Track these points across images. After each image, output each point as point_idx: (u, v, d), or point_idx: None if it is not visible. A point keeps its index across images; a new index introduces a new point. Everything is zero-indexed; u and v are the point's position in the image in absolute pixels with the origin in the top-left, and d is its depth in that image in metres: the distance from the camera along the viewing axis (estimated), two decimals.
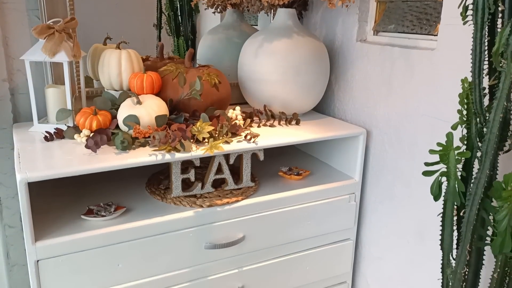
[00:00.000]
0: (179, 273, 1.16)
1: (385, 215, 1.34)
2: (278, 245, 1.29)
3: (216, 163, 1.20)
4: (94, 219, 1.07)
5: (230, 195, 1.22)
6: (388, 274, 1.35)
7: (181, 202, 1.17)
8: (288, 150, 1.65)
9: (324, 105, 1.55)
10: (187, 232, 1.14)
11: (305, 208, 1.30)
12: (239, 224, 1.21)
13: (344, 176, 1.41)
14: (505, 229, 0.75)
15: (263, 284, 1.30)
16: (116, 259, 1.07)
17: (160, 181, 1.30)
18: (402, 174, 1.25)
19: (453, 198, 0.88)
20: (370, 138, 1.36)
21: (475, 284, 0.91)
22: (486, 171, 0.78)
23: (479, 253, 0.89)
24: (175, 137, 1.07)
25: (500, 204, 0.75)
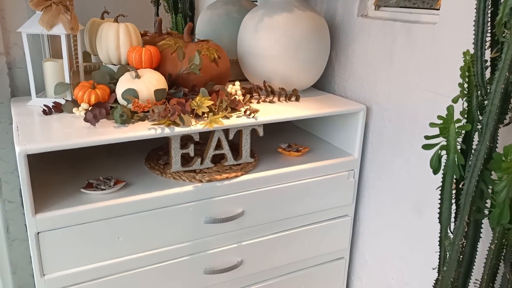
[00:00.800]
0: (179, 247, 1.17)
1: (383, 191, 1.35)
2: (277, 220, 1.30)
3: (215, 139, 1.19)
4: (94, 193, 1.07)
5: (229, 170, 1.22)
6: (385, 249, 1.36)
7: (180, 177, 1.17)
8: (287, 127, 1.65)
9: (324, 81, 1.54)
10: (186, 207, 1.15)
11: (304, 184, 1.30)
12: (238, 199, 1.21)
13: (343, 153, 1.41)
14: (503, 200, 0.76)
15: (262, 258, 1.31)
16: (116, 233, 1.07)
17: (159, 157, 1.30)
18: (402, 150, 1.25)
19: (453, 171, 0.88)
20: (369, 114, 1.36)
21: (472, 256, 0.92)
22: (486, 143, 0.78)
23: (477, 225, 0.90)
24: (174, 111, 1.07)
25: (500, 175, 0.75)
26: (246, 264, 1.29)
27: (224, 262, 1.25)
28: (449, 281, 0.87)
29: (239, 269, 1.28)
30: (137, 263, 1.12)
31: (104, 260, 1.08)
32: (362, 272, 1.48)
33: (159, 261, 1.15)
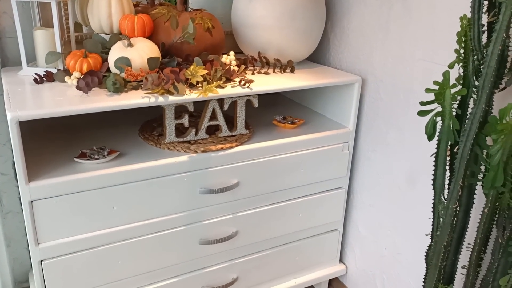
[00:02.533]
0: (174, 217, 1.17)
1: (377, 163, 1.35)
2: (272, 192, 1.31)
3: (210, 109, 1.18)
4: (87, 162, 1.06)
5: (224, 141, 1.22)
6: (378, 220, 1.38)
7: (175, 148, 1.16)
8: (282, 101, 1.64)
9: (319, 54, 1.53)
10: (181, 177, 1.14)
11: (299, 156, 1.30)
12: (234, 170, 1.21)
13: (338, 125, 1.40)
14: (498, 163, 0.76)
15: (257, 229, 1.32)
16: (111, 202, 1.07)
17: (153, 128, 1.29)
18: (396, 121, 1.25)
19: (447, 137, 0.88)
20: (365, 86, 1.36)
21: (465, 221, 0.93)
22: (482, 106, 0.78)
23: (470, 191, 0.90)
24: (168, 79, 1.06)
25: (495, 138, 0.75)
26: (241, 235, 1.30)
27: (219, 232, 1.25)
28: (442, 245, 0.88)
29: (234, 240, 1.29)
30: (132, 233, 1.12)
31: (99, 230, 1.08)
32: (356, 243, 1.50)
33: (154, 231, 1.15)
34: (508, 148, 0.75)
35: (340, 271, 1.55)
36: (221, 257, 1.30)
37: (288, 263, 1.45)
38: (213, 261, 1.29)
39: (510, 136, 0.74)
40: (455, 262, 0.96)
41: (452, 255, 0.96)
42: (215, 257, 1.29)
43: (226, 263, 1.32)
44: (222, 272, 1.32)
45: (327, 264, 1.54)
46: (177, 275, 1.24)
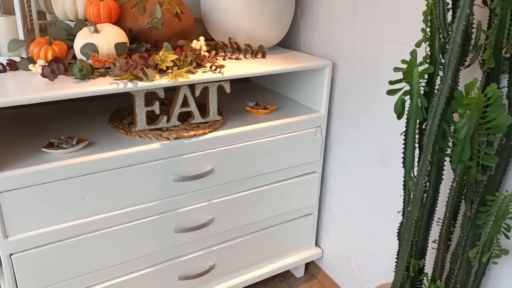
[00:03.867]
0: (148, 206, 1.15)
1: (349, 146, 1.37)
2: (247, 178, 1.30)
3: (181, 95, 1.17)
4: (55, 152, 1.03)
5: (197, 128, 1.20)
6: (352, 202, 1.40)
7: (146, 135, 1.14)
8: (255, 87, 1.64)
9: (290, 39, 1.53)
10: (154, 165, 1.13)
11: (272, 141, 1.31)
12: (207, 157, 1.20)
13: (310, 110, 1.41)
14: (464, 137, 0.78)
15: (232, 216, 1.32)
16: (82, 192, 1.04)
17: (123, 117, 1.26)
18: (367, 103, 1.27)
19: (416, 114, 0.89)
20: (335, 70, 1.37)
21: (435, 197, 0.95)
22: (448, 82, 0.79)
23: (439, 167, 0.92)
24: (137, 65, 1.03)
25: (461, 112, 0.77)
26: (217, 222, 1.29)
27: (194, 220, 1.25)
28: (413, 220, 0.90)
29: (210, 227, 1.28)
30: (104, 223, 1.10)
31: (70, 221, 1.06)
32: (330, 226, 1.52)
33: (127, 221, 1.14)
34: (474, 122, 0.77)
35: (316, 254, 1.57)
36: (197, 245, 1.29)
37: (265, 249, 1.45)
38: (189, 249, 1.28)
39: (475, 111, 0.76)
40: (426, 237, 0.99)
41: (423, 230, 0.98)
42: (191, 245, 1.28)
43: (203, 250, 1.31)
44: (198, 260, 1.31)
45: (303, 248, 1.55)
46: (152, 265, 1.23)
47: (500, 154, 0.85)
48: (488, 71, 0.85)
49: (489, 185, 0.87)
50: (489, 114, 0.77)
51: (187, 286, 1.32)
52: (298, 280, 1.62)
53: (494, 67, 0.83)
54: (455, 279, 0.94)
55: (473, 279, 0.93)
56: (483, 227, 0.88)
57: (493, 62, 0.82)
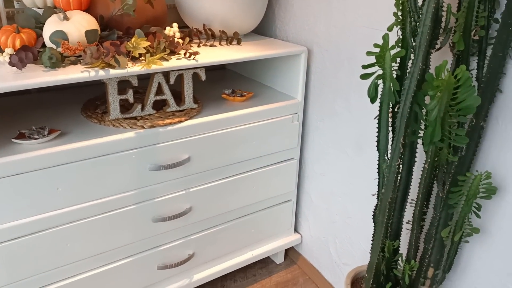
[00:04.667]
0: (124, 196, 1.14)
1: (326, 132, 1.38)
2: (224, 165, 1.30)
3: (155, 83, 1.15)
4: (26, 142, 1.01)
5: (172, 116, 1.19)
6: (330, 188, 1.41)
7: (120, 124, 1.13)
8: (231, 75, 1.63)
9: (265, 26, 1.53)
10: (129, 154, 1.11)
11: (249, 128, 1.30)
12: (184, 145, 1.19)
13: (287, 97, 1.41)
14: (435, 119, 0.80)
15: (211, 204, 1.32)
16: (55, 183, 1.02)
17: (96, 106, 1.24)
18: (342, 89, 1.28)
19: (389, 98, 0.90)
20: (311, 56, 1.37)
21: (408, 180, 0.97)
22: (419, 64, 0.80)
23: (412, 149, 0.94)
24: (108, 52, 1.01)
25: (432, 94, 0.78)
26: (195, 210, 1.29)
27: (172, 209, 1.24)
28: (387, 202, 0.92)
29: (188, 216, 1.28)
30: (80, 214, 1.09)
31: (44, 212, 1.04)
32: (309, 212, 1.53)
33: (104, 211, 1.12)
34: (444, 104, 0.79)
35: (295, 240, 1.59)
36: (175, 234, 1.29)
37: (244, 236, 1.46)
38: (168, 238, 1.28)
39: (445, 92, 0.78)
40: (400, 219, 1.01)
41: (398, 212, 1.00)
42: (170, 234, 1.28)
43: (181, 239, 1.31)
44: (177, 249, 1.31)
45: (283, 234, 1.57)
46: (130, 255, 1.22)
47: (470, 135, 0.87)
48: (458, 53, 0.86)
49: (460, 165, 0.89)
50: (459, 95, 0.78)
51: (167, 275, 1.31)
52: (278, 266, 1.63)
53: (463, 49, 0.84)
54: (428, 259, 0.96)
55: (446, 258, 0.95)
56: (454, 207, 0.90)
57: (462, 44, 0.83)
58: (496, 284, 0.94)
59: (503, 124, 0.87)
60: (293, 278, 1.57)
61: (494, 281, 0.94)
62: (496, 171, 0.89)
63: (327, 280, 1.50)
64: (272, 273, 1.59)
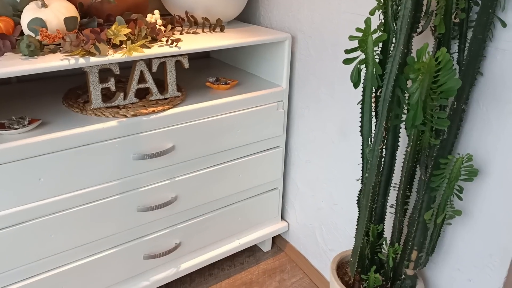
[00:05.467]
0: (107, 186, 1.13)
1: (311, 119, 1.38)
2: (210, 154, 1.29)
3: (137, 71, 1.14)
4: (6, 132, 0.99)
5: (156, 105, 1.18)
6: (315, 174, 1.41)
7: (102, 113, 1.11)
8: (215, 64, 1.62)
9: (249, 13, 1.51)
10: (112, 143, 1.10)
11: (234, 116, 1.30)
12: (168, 134, 1.18)
13: (272, 84, 1.41)
14: (416, 102, 0.80)
15: (197, 193, 1.31)
16: (37, 173, 1.01)
17: (78, 96, 1.22)
18: (326, 76, 1.28)
19: (372, 83, 0.91)
20: (295, 43, 1.36)
21: (392, 164, 0.97)
22: (400, 48, 0.80)
23: (395, 134, 0.94)
24: (88, 39, 1.00)
25: (413, 77, 0.78)
26: (181, 199, 1.28)
27: (157, 198, 1.23)
28: (371, 186, 0.92)
29: (174, 205, 1.27)
30: (63, 205, 1.07)
31: (26, 203, 1.02)
32: (295, 200, 1.54)
33: (87, 202, 1.11)
34: (426, 87, 0.79)
35: (282, 228, 1.59)
36: (161, 223, 1.28)
37: (231, 225, 1.46)
38: (154, 228, 1.27)
39: (427, 75, 0.78)
40: (384, 203, 1.01)
41: (382, 197, 1.01)
42: (155, 224, 1.27)
43: (168, 229, 1.30)
44: (163, 238, 1.30)
45: (270, 222, 1.57)
46: (116, 245, 1.21)
47: (451, 118, 0.87)
48: (439, 36, 0.87)
49: (442, 149, 0.89)
50: (440, 78, 0.78)
51: (153, 265, 1.31)
52: (265, 254, 1.64)
53: (444, 32, 0.85)
54: (412, 242, 0.97)
55: (429, 240, 0.96)
56: (437, 189, 0.91)
57: (443, 27, 0.83)
58: (478, 264, 0.95)
59: (484, 107, 0.88)
60: (280, 266, 1.58)
61: (476, 262, 0.96)
62: (478, 153, 0.91)
63: (314, 266, 1.51)
64: (260, 261, 1.60)
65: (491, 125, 0.87)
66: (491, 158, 0.88)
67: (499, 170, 0.87)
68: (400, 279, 1.02)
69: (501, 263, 0.91)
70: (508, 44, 0.81)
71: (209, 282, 1.49)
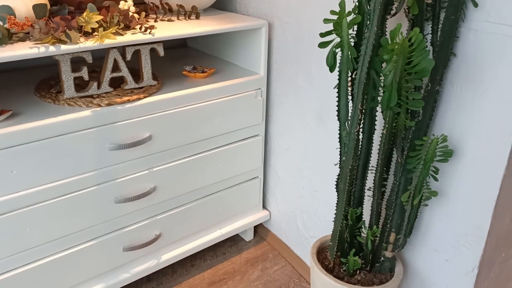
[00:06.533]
0: (84, 177, 1.11)
1: (290, 107, 1.37)
2: (188, 143, 1.28)
3: (111, 59, 1.11)
4: None
5: (131, 94, 1.16)
6: (295, 162, 1.41)
7: (76, 103, 1.09)
8: (192, 53, 1.60)
9: (225, 0, 1.50)
10: (86, 134, 1.08)
11: (212, 105, 1.29)
12: (144, 123, 1.17)
13: (250, 72, 1.40)
14: (391, 83, 0.80)
15: (176, 183, 1.30)
16: (9, 165, 0.98)
17: (51, 86, 1.19)
18: (304, 62, 1.27)
19: (347, 66, 0.90)
20: (272, 30, 1.35)
21: (369, 147, 0.98)
22: (374, 29, 0.80)
23: (372, 117, 0.95)
24: (58, 27, 0.97)
25: (387, 58, 0.78)
26: (160, 190, 1.27)
27: (136, 189, 1.21)
28: (348, 169, 0.92)
29: (152, 196, 1.25)
30: (37, 197, 1.05)
31: None
32: (276, 188, 1.54)
33: (63, 193, 1.09)
34: (400, 68, 0.79)
35: (264, 217, 1.59)
36: (140, 214, 1.27)
37: (212, 215, 1.45)
38: (133, 219, 1.26)
39: (400, 56, 0.78)
40: (362, 187, 1.02)
41: (360, 180, 1.01)
42: (134, 215, 1.25)
43: (147, 220, 1.29)
44: (143, 230, 1.28)
45: (251, 211, 1.57)
46: (94, 238, 1.19)
47: (426, 100, 0.88)
48: (412, 18, 0.87)
49: (418, 130, 0.90)
50: (413, 59, 0.79)
51: (134, 256, 1.29)
52: (247, 244, 1.63)
53: (417, 14, 0.85)
54: (390, 224, 0.98)
55: (406, 222, 0.97)
56: (413, 171, 0.91)
57: (416, 8, 0.83)
58: (455, 244, 0.97)
59: (457, 87, 0.88)
60: (262, 254, 1.58)
61: (452, 242, 0.97)
62: (452, 134, 0.91)
63: (296, 254, 1.51)
64: (242, 251, 1.60)
65: (465, 106, 0.88)
66: (465, 139, 0.89)
67: (473, 150, 0.88)
68: (379, 262, 1.03)
69: (477, 242, 0.92)
70: (480, 24, 0.82)
71: (191, 273, 1.48)
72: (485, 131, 0.85)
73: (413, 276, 1.09)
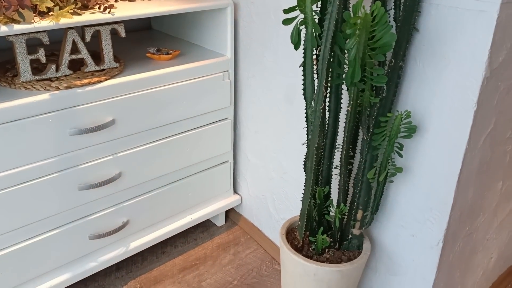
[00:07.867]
0: (44, 164, 1.07)
1: (257, 89, 1.36)
2: (154, 127, 1.25)
3: (69, 41, 1.07)
4: None
5: (91, 76, 1.12)
6: (264, 144, 1.40)
7: (33, 86, 1.04)
8: (157, 35, 1.56)
9: None
10: (45, 118, 1.03)
11: (178, 88, 1.26)
12: (106, 107, 1.13)
13: (216, 54, 1.37)
14: (354, 58, 0.79)
15: (142, 169, 1.27)
16: None
17: (7, 70, 1.14)
18: (270, 43, 1.26)
19: (311, 43, 0.89)
20: (237, 11, 1.33)
21: (335, 126, 0.97)
22: (336, 3, 0.79)
23: (337, 95, 0.94)
24: (10, 5, 0.92)
25: (350, 32, 0.77)
26: (126, 176, 1.24)
27: (100, 175, 1.18)
28: (314, 147, 0.92)
29: (118, 182, 1.22)
30: None
31: None
32: (247, 172, 1.53)
33: (22, 181, 1.05)
34: (363, 43, 0.79)
35: (235, 201, 1.58)
36: (106, 201, 1.23)
37: (182, 200, 1.43)
38: (98, 206, 1.22)
39: (363, 30, 0.77)
40: (330, 166, 1.02)
41: (327, 159, 1.01)
42: (100, 202, 1.22)
43: (113, 207, 1.26)
44: (109, 217, 1.25)
45: (222, 196, 1.55)
46: (58, 226, 1.16)
47: (390, 76, 0.88)
48: None
49: (382, 107, 0.90)
50: (376, 33, 0.78)
51: (101, 244, 1.26)
52: (219, 229, 1.62)
53: None
54: (357, 202, 0.98)
55: (373, 199, 0.98)
56: (378, 148, 0.92)
57: None
58: (420, 219, 0.98)
59: (420, 63, 0.89)
60: (234, 239, 1.58)
61: (418, 217, 0.98)
62: (416, 110, 0.92)
63: (267, 237, 1.51)
64: (214, 236, 1.59)
65: (428, 81, 0.88)
66: (428, 114, 0.90)
67: (436, 125, 0.89)
68: (347, 239, 1.04)
69: (441, 216, 0.94)
70: None
71: (161, 260, 1.46)
72: (447, 106, 0.86)
73: (381, 252, 1.10)
